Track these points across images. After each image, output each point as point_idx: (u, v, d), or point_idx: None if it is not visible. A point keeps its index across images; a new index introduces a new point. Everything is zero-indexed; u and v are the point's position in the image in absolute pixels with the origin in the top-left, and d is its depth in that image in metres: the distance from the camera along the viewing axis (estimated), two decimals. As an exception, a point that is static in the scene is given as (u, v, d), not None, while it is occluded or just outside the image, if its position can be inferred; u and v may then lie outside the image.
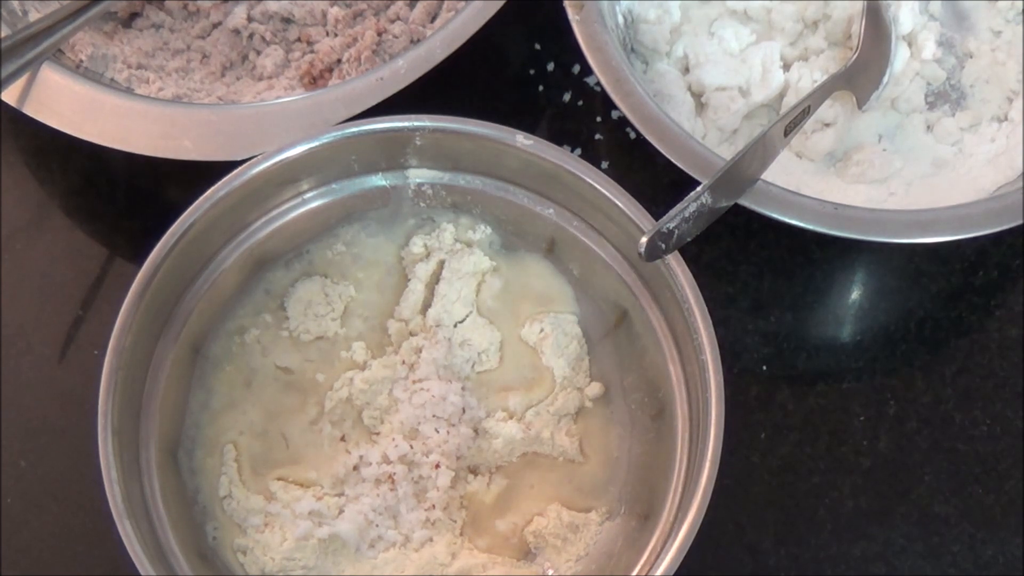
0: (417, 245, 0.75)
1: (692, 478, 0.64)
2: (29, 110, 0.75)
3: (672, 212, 0.64)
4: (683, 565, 0.62)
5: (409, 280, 0.74)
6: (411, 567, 0.69)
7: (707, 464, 0.63)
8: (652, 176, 0.76)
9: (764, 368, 0.77)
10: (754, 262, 0.80)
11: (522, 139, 0.69)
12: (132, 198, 0.83)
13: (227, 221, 0.70)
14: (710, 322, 0.66)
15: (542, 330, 0.74)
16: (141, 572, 0.61)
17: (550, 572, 0.70)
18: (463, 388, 0.72)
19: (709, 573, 0.71)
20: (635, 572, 0.65)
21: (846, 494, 0.74)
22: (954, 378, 0.77)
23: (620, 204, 0.68)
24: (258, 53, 0.84)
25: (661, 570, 0.62)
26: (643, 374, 0.72)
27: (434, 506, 0.70)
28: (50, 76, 0.75)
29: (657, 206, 0.67)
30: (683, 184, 0.68)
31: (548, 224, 0.73)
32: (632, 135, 0.82)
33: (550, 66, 0.86)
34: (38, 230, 0.82)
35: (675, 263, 0.67)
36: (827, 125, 0.79)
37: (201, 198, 0.68)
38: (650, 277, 0.70)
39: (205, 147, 0.73)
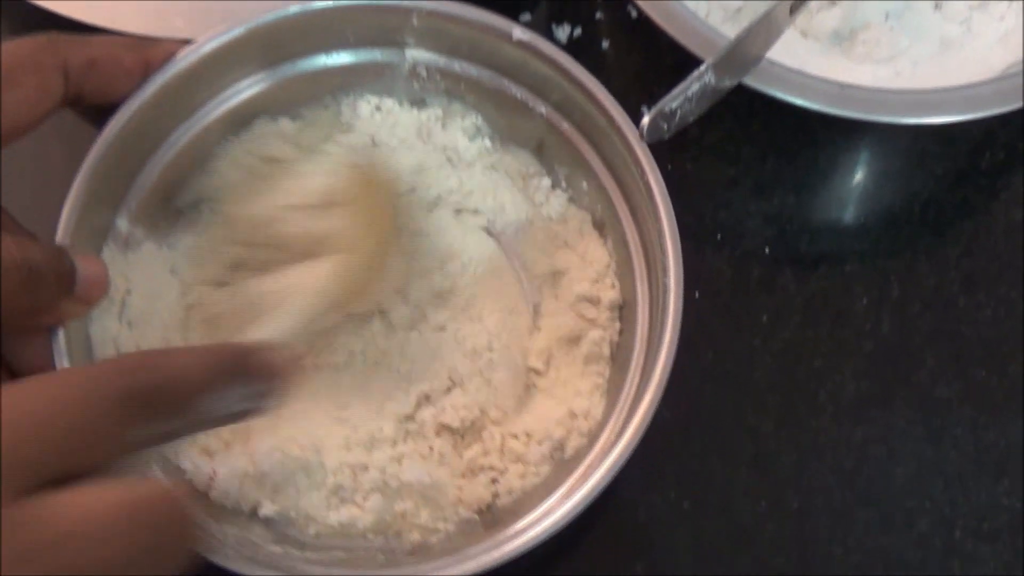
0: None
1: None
2: (16, -10, 0.73)
3: (674, 91, 0.64)
4: (684, 448, 0.62)
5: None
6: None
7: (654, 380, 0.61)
8: (654, 57, 0.75)
9: (767, 251, 0.77)
10: (757, 143, 0.79)
11: (519, 32, 0.68)
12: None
13: (213, 75, 0.68)
14: (679, 245, 0.63)
15: None
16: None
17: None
18: None
19: (710, 455, 0.71)
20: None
21: (848, 377, 0.74)
22: (958, 261, 0.77)
23: (610, 112, 0.66)
24: (251, -70, 0.82)
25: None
26: None
27: None
28: (36, -46, 0.74)
29: (659, 88, 0.66)
30: (685, 67, 0.67)
31: (539, 123, 0.71)
32: (633, 14, 0.80)
33: (550, -57, 0.84)
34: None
35: (653, 180, 0.64)
36: (833, 3, 0.78)
37: (186, 49, 0.65)
38: (630, 191, 0.68)
39: (197, 26, 0.72)
